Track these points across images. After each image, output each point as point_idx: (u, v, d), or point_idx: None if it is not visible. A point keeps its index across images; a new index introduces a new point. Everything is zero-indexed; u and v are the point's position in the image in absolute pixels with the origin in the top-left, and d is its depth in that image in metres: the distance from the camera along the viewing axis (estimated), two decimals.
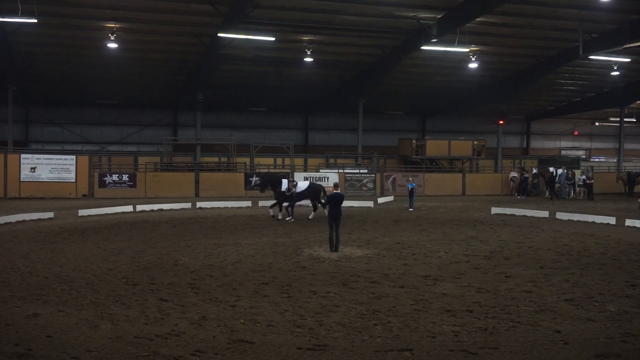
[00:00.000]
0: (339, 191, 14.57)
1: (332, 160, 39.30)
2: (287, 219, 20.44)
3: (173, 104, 41.62)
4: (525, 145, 51.81)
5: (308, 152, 42.66)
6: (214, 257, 13.28)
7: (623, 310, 8.88)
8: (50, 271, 11.54)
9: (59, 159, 31.19)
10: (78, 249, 14.36)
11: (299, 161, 38.24)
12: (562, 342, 7.46)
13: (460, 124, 47.65)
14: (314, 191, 21.22)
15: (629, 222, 19.71)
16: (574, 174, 33.88)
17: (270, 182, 21.17)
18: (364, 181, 34.97)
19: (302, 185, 21.22)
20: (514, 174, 35.71)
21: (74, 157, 31.53)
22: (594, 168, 38.38)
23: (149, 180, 31.57)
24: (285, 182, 20.81)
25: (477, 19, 25.96)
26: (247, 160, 36.75)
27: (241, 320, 8.24)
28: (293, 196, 20.58)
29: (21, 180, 29.86)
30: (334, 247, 14.03)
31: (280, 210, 20.87)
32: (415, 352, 7.07)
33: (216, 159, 38.22)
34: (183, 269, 11.96)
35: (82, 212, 22.22)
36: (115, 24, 27.13)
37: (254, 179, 21.28)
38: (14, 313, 8.45)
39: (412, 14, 26.62)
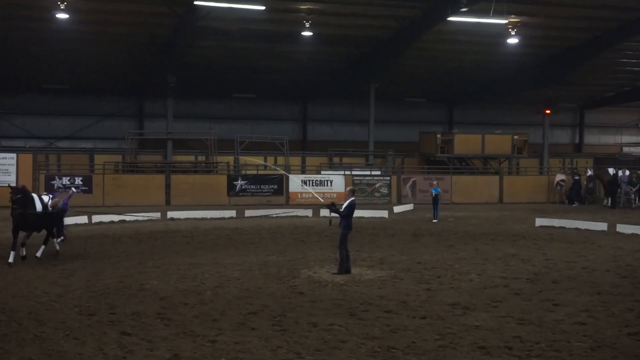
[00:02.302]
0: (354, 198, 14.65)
1: (336, 160, 39.30)
2: (58, 242, 17.20)
3: (139, 90, 41.65)
4: (577, 140, 51.80)
5: (306, 149, 42.68)
6: (189, 281, 13.29)
7: None
8: None
9: None
10: (19, 270, 14.36)
11: (295, 160, 38.27)
12: None
13: (496, 114, 47.62)
14: (61, 212, 17.86)
15: None
16: (639, 177, 33.86)
17: (22, 202, 15.90)
18: (377, 185, 34.97)
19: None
20: (561, 176, 35.72)
21: (14, 155, 31.53)
22: None
23: (109, 185, 31.58)
24: (37, 198, 16.64)
25: None
26: (230, 159, 36.75)
27: (223, 359, 8.22)
28: (55, 216, 17.12)
29: None
30: (347, 267, 14.10)
31: (47, 241, 16.63)
32: None
33: (192, 158, 38.22)
34: (151, 294, 11.97)
35: None
36: None
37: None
38: None
39: None
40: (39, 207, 16.44)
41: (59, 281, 13.14)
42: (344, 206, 14.27)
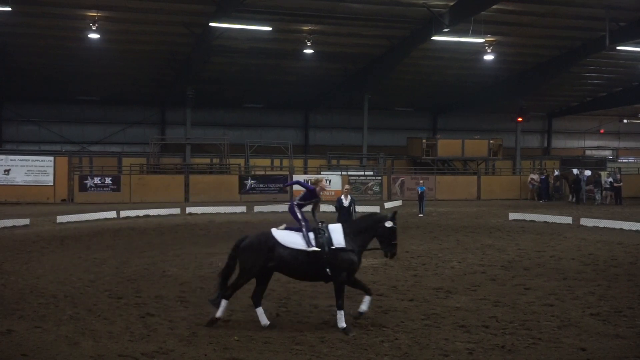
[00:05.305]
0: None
1: (334, 162, 39.30)
2: None
3: (161, 100, 41.64)
4: (546, 144, 51.78)
5: (308, 152, 42.67)
6: (205, 268, 13.28)
7: None
8: (26, 283, 11.54)
9: (36, 160, 31.26)
10: (56, 259, 14.35)
11: (298, 162, 38.25)
12: None
13: (475, 121, 47.60)
14: None
15: None
16: (600, 176, 33.85)
17: None
18: (370, 184, 34.96)
19: None
20: (533, 176, 35.70)
21: (52, 158, 31.57)
22: (622, 169, 38.36)
23: (134, 184, 31.60)
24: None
25: (494, 7, 25.97)
26: (241, 161, 36.74)
27: (235, 337, 8.23)
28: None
29: None
30: None
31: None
32: None
33: (208, 160, 38.22)
34: (172, 280, 11.96)
35: (61, 219, 22.22)
36: (98, 13, 27.17)
37: None
38: None
39: (422, 1, 26.64)
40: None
41: (91, 269, 13.14)
42: (350, 202, 14.18)
